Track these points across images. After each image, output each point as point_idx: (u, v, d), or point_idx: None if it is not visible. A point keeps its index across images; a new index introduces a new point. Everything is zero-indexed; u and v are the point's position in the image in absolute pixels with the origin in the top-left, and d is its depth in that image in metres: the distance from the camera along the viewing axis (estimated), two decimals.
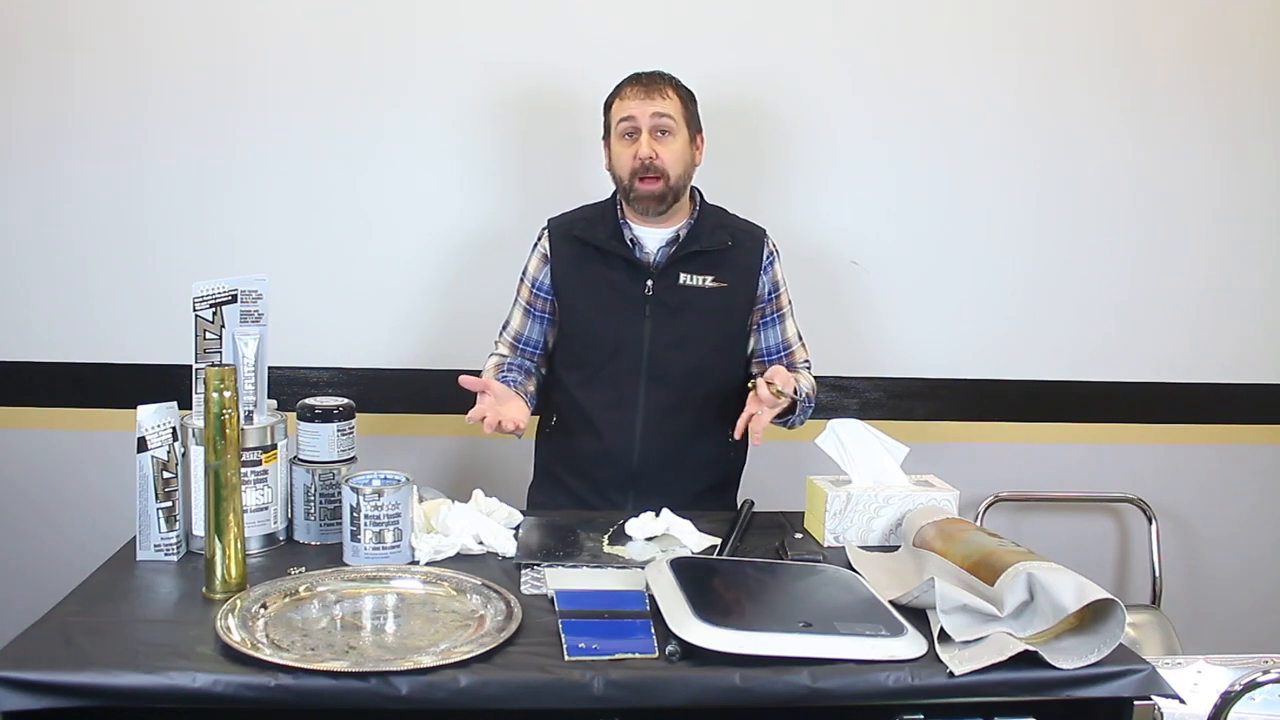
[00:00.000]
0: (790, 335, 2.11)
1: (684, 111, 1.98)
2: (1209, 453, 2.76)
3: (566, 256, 2.03)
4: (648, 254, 2.01)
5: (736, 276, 2.02)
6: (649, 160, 1.93)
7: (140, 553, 1.55)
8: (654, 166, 1.93)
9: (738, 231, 2.06)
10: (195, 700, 1.19)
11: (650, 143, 1.93)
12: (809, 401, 2.04)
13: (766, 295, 2.06)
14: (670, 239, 2.01)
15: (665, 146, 1.94)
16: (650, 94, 1.95)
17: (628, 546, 1.67)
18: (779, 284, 2.09)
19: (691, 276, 1.99)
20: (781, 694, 1.23)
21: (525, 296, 2.08)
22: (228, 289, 1.62)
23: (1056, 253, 2.65)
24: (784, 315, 2.10)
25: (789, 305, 2.11)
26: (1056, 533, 2.73)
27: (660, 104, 1.95)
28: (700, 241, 2.00)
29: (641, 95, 1.95)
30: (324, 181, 2.48)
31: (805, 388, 2.02)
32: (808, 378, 2.09)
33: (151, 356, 2.47)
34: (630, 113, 1.95)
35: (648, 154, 1.93)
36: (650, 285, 1.99)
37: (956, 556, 1.46)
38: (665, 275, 1.99)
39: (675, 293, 1.99)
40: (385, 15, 2.43)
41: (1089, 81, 2.59)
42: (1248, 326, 2.72)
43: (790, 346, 2.11)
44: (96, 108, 2.43)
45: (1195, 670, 1.70)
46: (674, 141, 1.95)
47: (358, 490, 1.53)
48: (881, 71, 2.55)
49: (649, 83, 1.97)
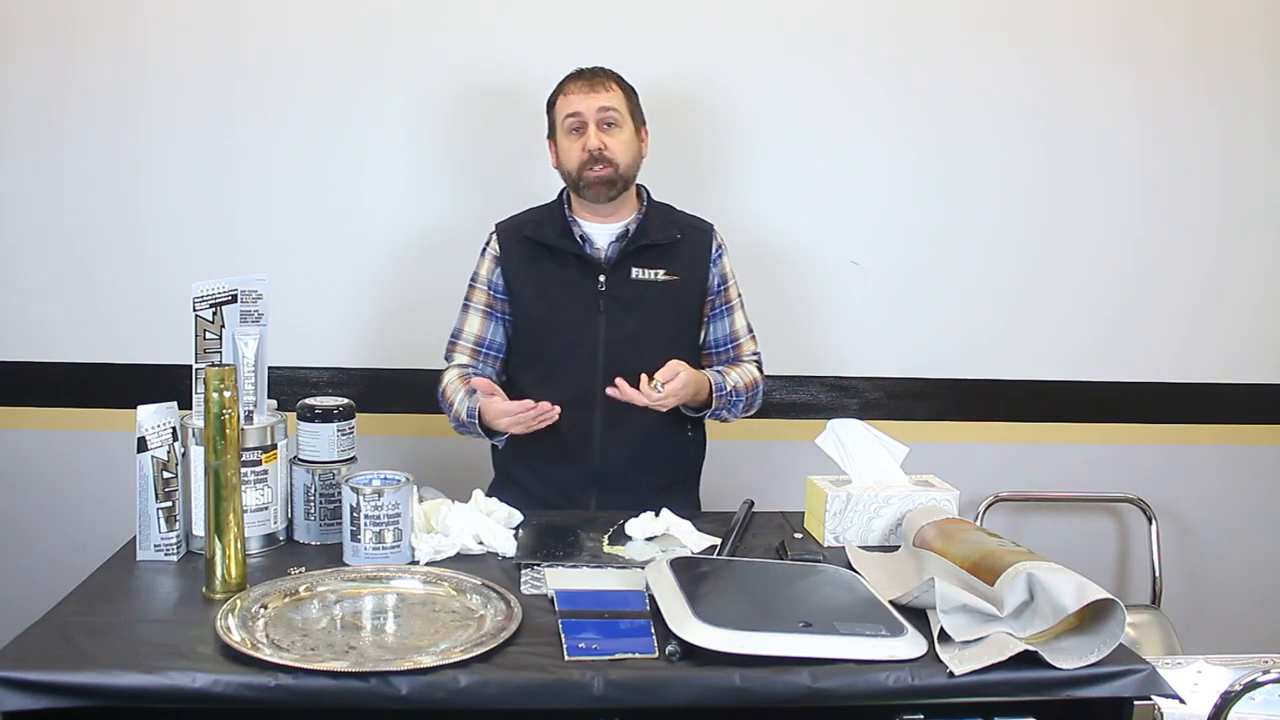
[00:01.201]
0: (739, 327, 2.12)
1: (628, 104, 2.01)
2: (1209, 453, 2.76)
3: (517, 256, 2.03)
4: (598, 250, 2.02)
5: (687, 269, 2.04)
6: (598, 151, 1.95)
7: (140, 553, 1.55)
8: (603, 156, 1.95)
9: (686, 226, 2.08)
10: (195, 700, 1.19)
11: (598, 134, 1.96)
12: (736, 396, 2.03)
13: (716, 288, 2.09)
14: (620, 234, 2.03)
15: (613, 137, 1.97)
16: (594, 87, 1.98)
17: (628, 546, 1.67)
18: (727, 276, 2.11)
19: (643, 271, 2.01)
20: (781, 694, 1.23)
21: (482, 300, 2.07)
22: (228, 289, 1.62)
23: (1056, 253, 2.65)
24: (733, 308, 2.12)
25: (738, 298, 2.13)
26: (1056, 533, 2.73)
27: (605, 97, 1.97)
28: (650, 235, 2.02)
29: (585, 89, 1.98)
30: (324, 181, 2.48)
31: (732, 383, 2.02)
32: (745, 373, 2.08)
33: (151, 356, 2.47)
34: (575, 108, 1.97)
35: (596, 145, 1.95)
36: (603, 281, 1.99)
37: (956, 556, 1.46)
38: (617, 270, 2.00)
39: (628, 287, 2.00)
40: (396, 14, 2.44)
41: (1089, 80, 2.59)
42: (1248, 326, 2.72)
43: (738, 339, 2.12)
44: (95, 108, 2.43)
45: (1195, 670, 1.70)
46: (621, 133, 1.98)
47: (358, 490, 1.53)
48: (880, 70, 2.55)
49: (591, 77, 2.00)
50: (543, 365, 2.03)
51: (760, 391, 2.12)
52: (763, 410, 2.59)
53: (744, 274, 2.56)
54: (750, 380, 2.08)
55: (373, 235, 2.50)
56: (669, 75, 2.49)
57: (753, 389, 2.08)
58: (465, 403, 1.96)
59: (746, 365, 2.12)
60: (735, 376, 2.05)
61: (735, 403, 2.04)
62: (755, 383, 2.09)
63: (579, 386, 1.99)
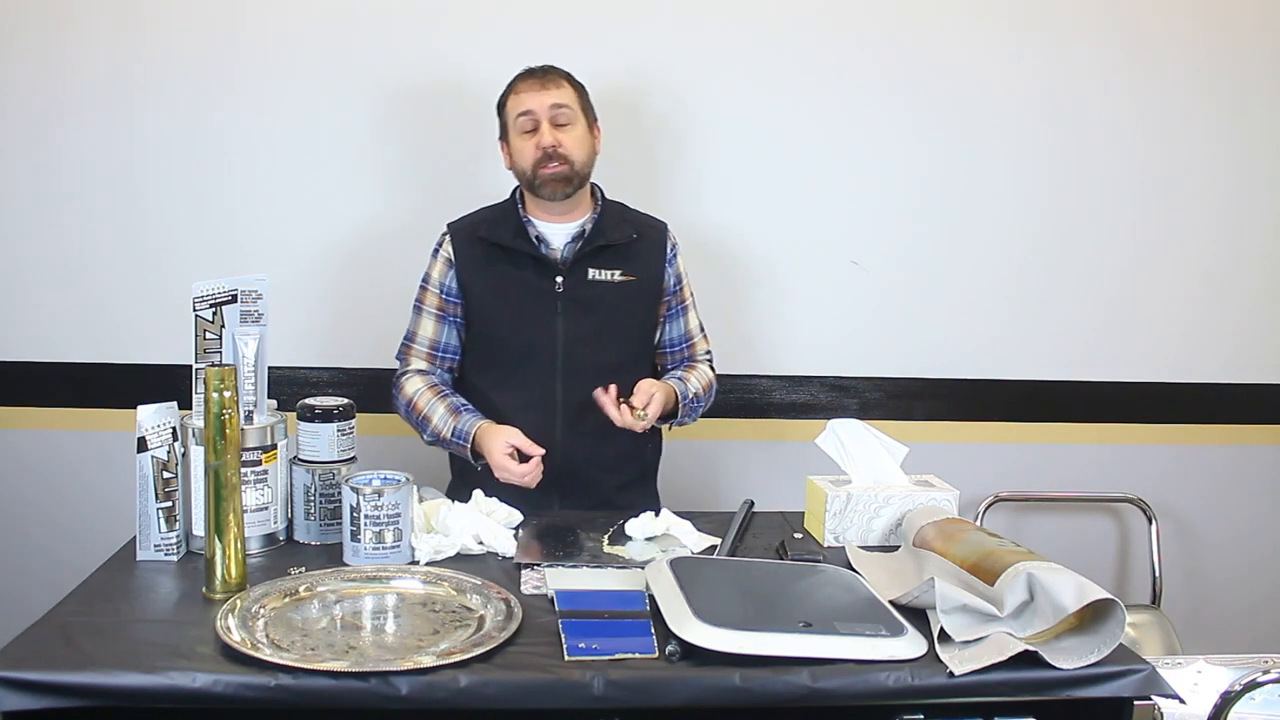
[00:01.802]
0: (692, 327, 2.13)
1: (579, 100, 2.00)
2: (1209, 452, 2.76)
3: (472, 259, 2.02)
4: (554, 251, 2.01)
5: (642, 269, 2.04)
6: (553, 148, 1.94)
7: (140, 553, 1.55)
8: (558, 154, 1.94)
9: (641, 225, 2.07)
10: (195, 700, 1.19)
11: (552, 131, 1.94)
12: (697, 402, 2.05)
13: (672, 288, 2.09)
14: (575, 234, 2.02)
15: (566, 134, 1.96)
16: (545, 85, 1.96)
17: (628, 546, 1.67)
18: (682, 277, 2.11)
19: (600, 271, 2.00)
20: (781, 694, 1.23)
21: (435, 304, 2.05)
22: (228, 289, 1.62)
23: (1056, 252, 2.65)
24: (687, 308, 2.13)
25: (691, 298, 2.14)
26: (1056, 533, 2.73)
27: (556, 94, 1.96)
28: (606, 236, 2.01)
29: (537, 87, 1.96)
30: (324, 181, 2.48)
31: (693, 389, 2.04)
32: (701, 375, 2.10)
33: (151, 356, 2.47)
34: (527, 106, 1.95)
35: (551, 142, 1.94)
36: (560, 282, 1.98)
37: (956, 556, 1.46)
38: (574, 271, 1.99)
39: (585, 288, 1.99)
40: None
41: (1089, 80, 2.59)
42: (1247, 326, 2.72)
43: (692, 339, 2.13)
44: (95, 108, 2.42)
45: (1195, 670, 1.70)
46: (574, 129, 1.97)
47: (358, 490, 1.53)
48: (881, 70, 2.55)
49: (542, 75, 1.98)
50: (501, 369, 2.01)
51: (714, 391, 2.13)
52: (762, 410, 2.62)
53: (743, 274, 2.58)
54: (707, 383, 2.10)
55: (373, 235, 2.50)
56: (667, 76, 2.49)
57: (709, 391, 2.10)
58: (449, 422, 1.94)
59: (701, 367, 2.13)
60: (695, 382, 2.06)
61: (696, 408, 2.07)
62: (711, 384, 2.12)
63: (538, 389, 1.98)
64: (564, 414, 1.98)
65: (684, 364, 2.13)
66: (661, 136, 2.51)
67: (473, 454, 1.92)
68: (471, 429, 1.91)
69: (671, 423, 2.06)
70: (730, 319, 2.57)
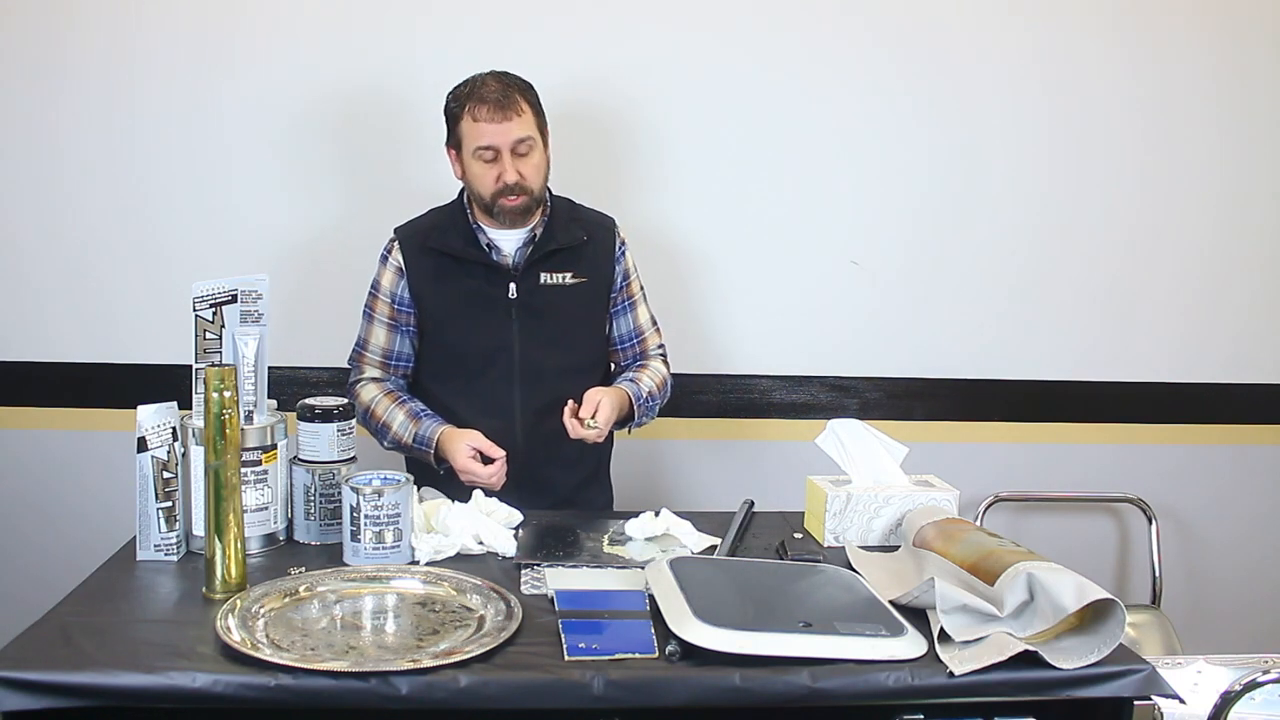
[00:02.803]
0: (643, 322, 2.12)
1: (537, 121, 1.95)
2: (1209, 452, 2.76)
3: (422, 269, 2.00)
4: (505, 257, 1.99)
5: (592, 270, 2.03)
6: (516, 184, 1.91)
7: (140, 553, 1.55)
8: (520, 187, 1.92)
9: (590, 224, 2.06)
10: (195, 700, 1.19)
11: (514, 165, 1.91)
12: (652, 400, 2.04)
13: (618, 284, 2.08)
14: (526, 239, 2.00)
15: (527, 164, 1.92)
16: (506, 114, 1.88)
17: (628, 546, 1.67)
18: (630, 271, 2.10)
19: (551, 275, 1.99)
20: (781, 694, 1.23)
21: (386, 313, 2.03)
22: (228, 289, 1.62)
23: (1056, 252, 2.65)
24: (635, 302, 2.11)
25: (640, 292, 2.13)
26: (1056, 533, 2.73)
27: (518, 125, 1.89)
28: (556, 239, 2.00)
29: (498, 118, 1.88)
30: (323, 181, 2.48)
31: (646, 388, 2.03)
32: (654, 373, 2.08)
33: (151, 356, 2.47)
34: (489, 141, 1.89)
35: (514, 178, 1.91)
36: (513, 289, 1.98)
37: (956, 556, 1.46)
38: (526, 277, 1.98)
39: (538, 294, 1.99)
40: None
41: (1090, 79, 2.59)
42: (1247, 326, 2.72)
43: (643, 333, 2.12)
44: (95, 109, 2.42)
45: (1195, 670, 1.70)
46: (534, 156, 1.93)
47: (358, 490, 1.53)
48: (882, 70, 2.54)
49: (502, 104, 1.89)
50: (459, 377, 2.00)
51: (669, 386, 2.12)
52: (762, 410, 2.62)
53: (743, 274, 2.58)
54: (661, 380, 2.08)
55: (373, 235, 2.50)
56: (662, 77, 2.49)
57: (664, 388, 2.09)
58: (409, 429, 1.94)
59: (653, 363, 2.11)
60: (648, 381, 2.05)
61: (652, 407, 2.05)
62: (665, 381, 2.10)
63: (497, 396, 1.98)
64: (523, 419, 1.98)
65: (636, 360, 2.12)
66: (657, 136, 2.51)
67: (436, 459, 1.92)
68: (434, 435, 1.92)
69: (630, 425, 2.03)
70: (730, 319, 2.57)
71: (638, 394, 2.00)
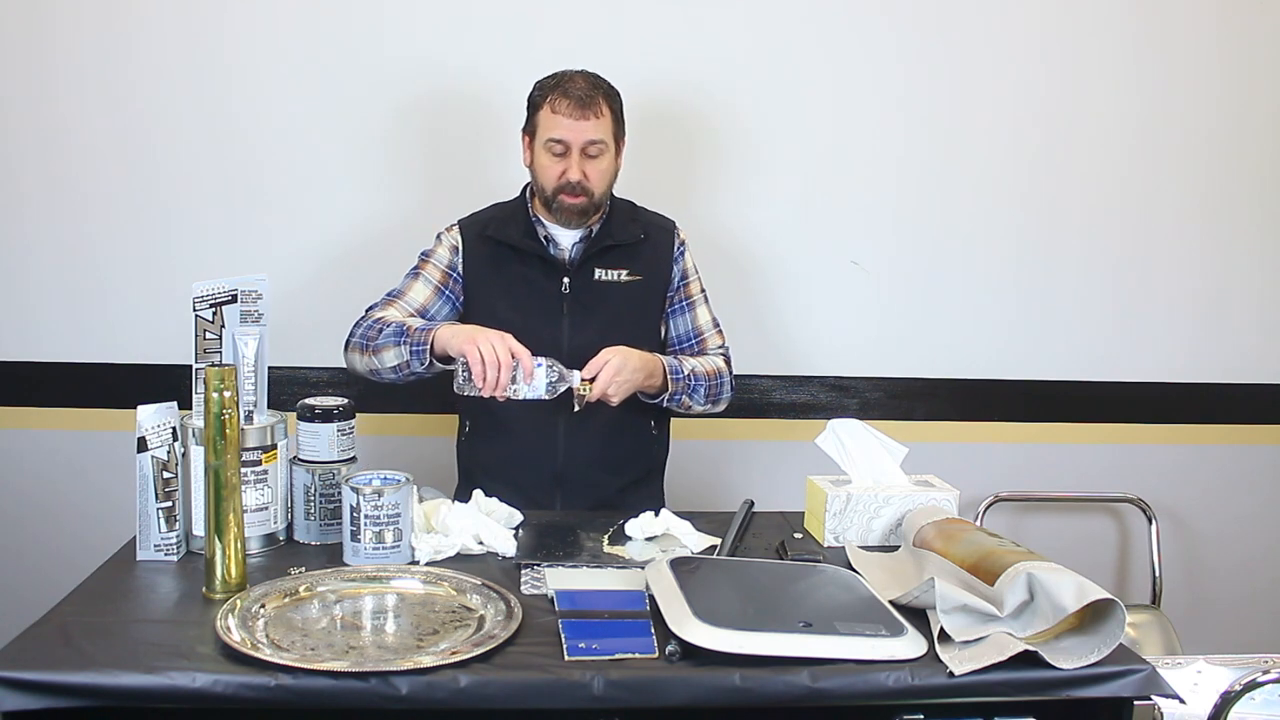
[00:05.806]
0: (702, 323, 2.10)
1: (614, 127, 1.97)
2: (1209, 453, 2.76)
3: (480, 256, 2.01)
4: (562, 251, 2.01)
5: (649, 269, 2.03)
6: (579, 183, 1.93)
7: (140, 553, 1.55)
8: (582, 188, 1.93)
9: (649, 225, 2.06)
10: (195, 700, 1.19)
11: (580, 165, 1.92)
12: (696, 380, 1.98)
13: (676, 283, 2.07)
14: (584, 234, 2.01)
15: (594, 166, 1.94)
16: (585, 113, 1.91)
17: (628, 546, 1.67)
18: (689, 272, 2.10)
19: (606, 271, 2.00)
20: (781, 694, 1.23)
21: (436, 275, 2.02)
22: (228, 289, 1.62)
23: (1057, 253, 2.65)
24: (695, 303, 2.10)
25: (701, 294, 2.12)
26: (1056, 533, 2.73)
27: (593, 127, 1.92)
28: (613, 236, 2.00)
29: (576, 115, 1.91)
30: (323, 181, 2.48)
31: (689, 367, 1.98)
32: (707, 361, 2.04)
33: (151, 356, 2.47)
34: (562, 134, 1.91)
35: (578, 177, 1.92)
36: (567, 283, 1.98)
37: (956, 556, 1.46)
38: (581, 272, 1.99)
39: (591, 289, 1.99)
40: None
41: (1093, 78, 2.59)
42: (1248, 327, 2.72)
43: (702, 334, 2.10)
44: (96, 109, 2.43)
45: (1195, 670, 1.70)
46: (602, 160, 1.95)
47: (358, 490, 1.53)
48: (882, 70, 2.55)
49: (584, 102, 1.91)
50: None
51: (725, 383, 2.06)
52: (762, 410, 2.62)
53: (742, 275, 2.58)
54: (713, 369, 2.03)
55: (373, 235, 2.50)
56: (659, 76, 2.49)
57: (715, 377, 2.03)
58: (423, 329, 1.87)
59: (711, 356, 2.08)
60: (695, 362, 2.02)
61: (695, 388, 1.99)
62: (719, 372, 2.04)
63: None
64: (567, 416, 1.97)
65: None
66: (667, 137, 2.51)
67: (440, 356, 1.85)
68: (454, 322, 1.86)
69: (664, 398, 1.98)
70: (730, 319, 2.56)
71: (675, 368, 1.96)
